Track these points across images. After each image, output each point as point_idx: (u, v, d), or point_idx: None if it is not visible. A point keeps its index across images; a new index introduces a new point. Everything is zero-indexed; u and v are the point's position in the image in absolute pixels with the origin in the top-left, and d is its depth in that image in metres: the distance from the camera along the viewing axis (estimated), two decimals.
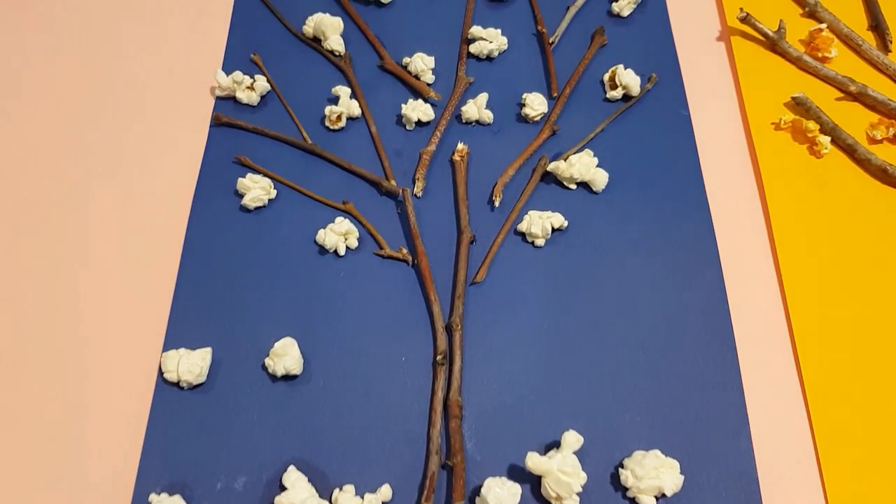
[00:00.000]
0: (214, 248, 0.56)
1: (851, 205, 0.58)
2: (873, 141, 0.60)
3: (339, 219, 0.56)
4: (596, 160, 0.58)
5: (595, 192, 0.58)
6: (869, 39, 0.65)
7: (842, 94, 0.62)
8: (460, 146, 0.60)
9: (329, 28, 0.64)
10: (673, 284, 0.54)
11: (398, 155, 0.61)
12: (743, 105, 0.63)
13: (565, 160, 0.58)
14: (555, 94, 0.63)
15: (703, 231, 0.56)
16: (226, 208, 0.58)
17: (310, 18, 0.66)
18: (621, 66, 0.63)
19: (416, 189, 0.59)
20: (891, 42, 0.65)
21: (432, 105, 0.62)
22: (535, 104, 0.61)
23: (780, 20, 0.64)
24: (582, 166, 0.57)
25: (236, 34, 0.67)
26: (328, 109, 0.61)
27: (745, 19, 0.64)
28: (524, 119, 0.61)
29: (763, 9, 0.67)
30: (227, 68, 0.64)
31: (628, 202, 0.58)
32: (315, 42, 0.66)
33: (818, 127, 0.60)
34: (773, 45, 0.64)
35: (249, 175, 0.58)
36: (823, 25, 0.64)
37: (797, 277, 0.54)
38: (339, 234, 0.55)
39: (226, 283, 0.54)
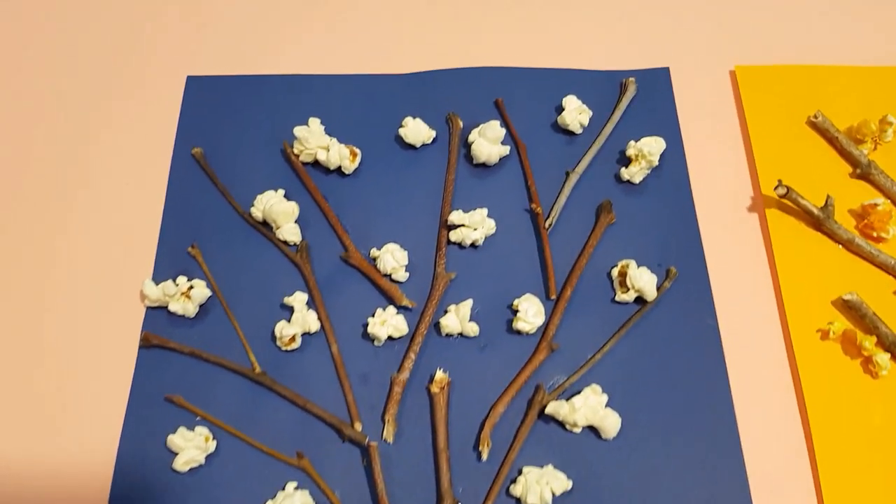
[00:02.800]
0: None
1: None
2: None
3: (289, 485, 0.46)
4: (605, 398, 0.48)
5: (605, 440, 0.48)
6: None
7: None
8: (439, 375, 0.49)
9: (281, 216, 0.54)
10: None
11: (364, 381, 0.50)
12: (782, 304, 0.51)
13: (567, 401, 0.47)
14: (553, 296, 0.52)
15: (737, 489, 0.46)
16: (155, 466, 0.47)
17: (258, 199, 0.55)
18: (633, 264, 0.52)
19: (385, 433, 0.48)
20: None
21: (406, 311, 0.52)
22: (530, 315, 0.50)
23: (828, 196, 0.52)
24: (588, 410, 0.47)
25: (171, 219, 0.55)
26: (279, 329, 0.50)
27: (787, 195, 0.53)
28: (517, 331, 0.51)
29: (803, 169, 0.56)
30: (160, 265, 0.54)
31: (647, 450, 0.47)
32: (266, 227, 0.55)
33: (874, 341, 0.49)
34: (819, 224, 0.53)
35: (181, 430, 0.47)
36: (880, 200, 0.53)
37: None
38: None
39: None
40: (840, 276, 0.52)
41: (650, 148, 0.55)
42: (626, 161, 0.56)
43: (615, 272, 0.52)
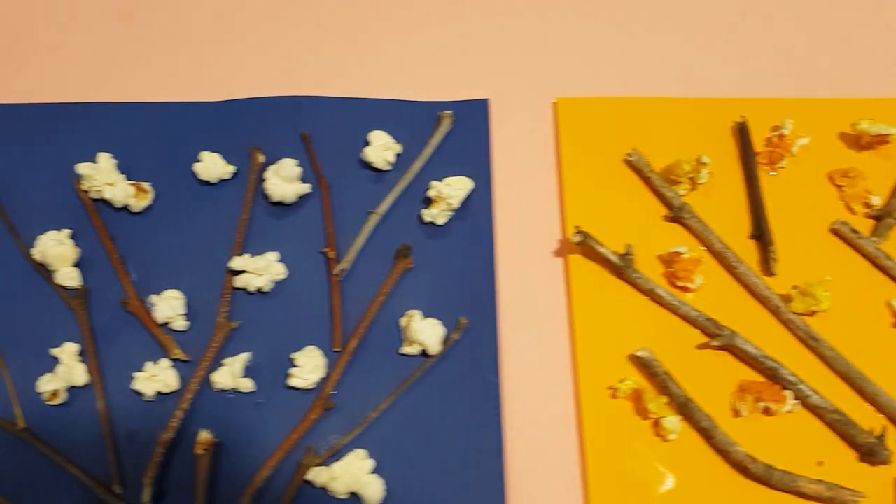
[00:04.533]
0: None
1: (709, 500, 0.45)
2: (738, 415, 0.47)
3: None
4: (370, 463, 0.45)
5: None
6: (750, 252, 0.52)
7: (707, 340, 0.49)
8: (203, 435, 0.46)
9: (57, 260, 0.50)
10: None
11: (130, 440, 0.47)
12: (576, 358, 0.49)
13: (328, 466, 0.45)
14: (337, 348, 0.49)
15: None
16: None
17: (39, 239, 0.51)
18: (418, 315, 0.49)
19: (143, 496, 0.45)
20: (774, 261, 0.50)
21: (184, 363, 0.49)
22: (307, 370, 0.47)
23: (628, 245, 0.50)
24: (349, 477, 0.44)
25: None
26: (41, 383, 0.48)
27: (583, 242, 0.50)
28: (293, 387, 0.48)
29: (618, 210, 0.53)
30: None
31: None
32: (45, 269, 0.52)
33: (660, 404, 0.46)
34: (620, 272, 0.50)
35: None
36: (683, 249, 0.50)
37: None
38: None
39: None
40: (641, 328, 0.49)
41: (450, 189, 0.52)
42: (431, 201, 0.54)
43: (403, 322, 0.50)
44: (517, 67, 0.59)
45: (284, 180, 0.52)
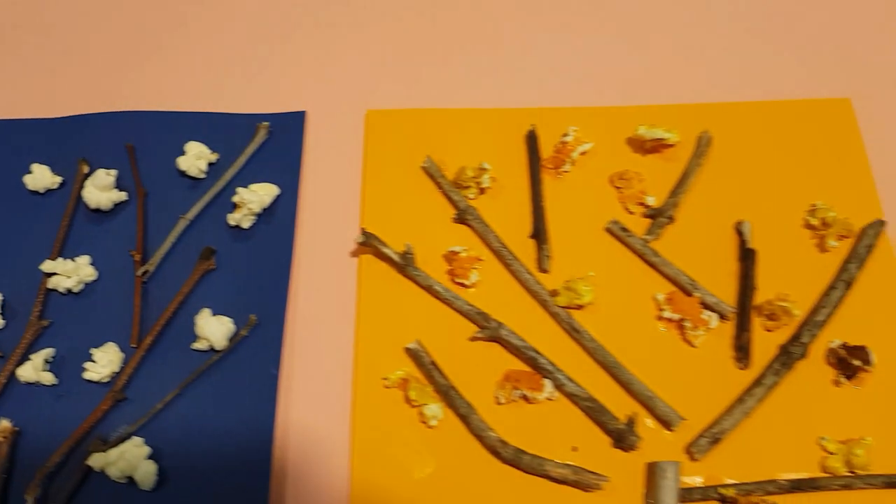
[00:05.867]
0: None
1: (465, 483, 0.48)
2: (498, 402, 0.50)
3: None
4: (146, 450, 0.48)
5: (144, 490, 0.48)
6: (530, 251, 0.55)
7: (479, 331, 0.52)
8: (3, 424, 0.50)
9: None
10: None
11: None
12: (356, 350, 0.52)
13: (105, 453, 0.48)
14: (133, 344, 0.53)
15: None
16: None
17: None
18: (206, 312, 0.52)
19: None
20: (548, 259, 0.53)
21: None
22: (101, 364, 0.51)
23: (407, 245, 0.53)
24: (124, 462, 0.47)
25: None
26: None
27: (366, 242, 0.53)
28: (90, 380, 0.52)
29: (415, 213, 0.56)
30: None
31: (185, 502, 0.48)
32: None
33: (422, 393, 0.49)
34: (402, 270, 0.54)
35: None
36: (459, 248, 0.53)
37: None
38: None
39: None
40: (421, 322, 0.53)
41: (251, 195, 0.55)
42: None
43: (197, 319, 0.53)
44: (336, 82, 0.63)
45: (99, 189, 0.56)
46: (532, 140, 0.57)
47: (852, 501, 0.46)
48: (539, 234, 0.54)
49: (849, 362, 0.48)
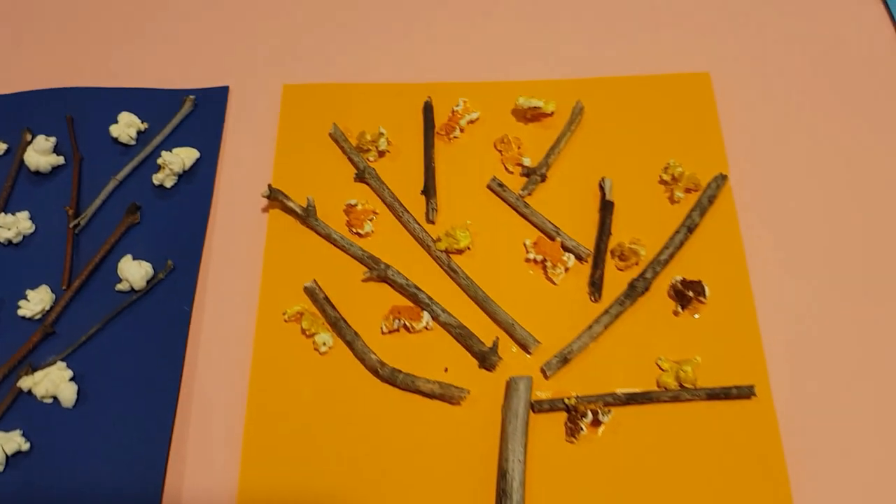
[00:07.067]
0: None
1: (349, 401, 0.54)
2: (383, 332, 0.57)
3: None
4: (68, 373, 0.55)
5: (66, 408, 0.55)
6: (421, 206, 0.62)
7: (368, 272, 0.59)
8: None
9: None
10: None
11: None
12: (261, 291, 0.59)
13: (32, 375, 0.55)
14: (64, 286, 0.59)
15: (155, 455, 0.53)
16: None
17: None
18: (128, 258, 0.59)
19: None
20: (434, 211, 0.60)
21: None
22: (34, 302, 0.58)
23: (309, 198, 0.60)
24: (49, 382, 0.54)
25: None
26: None
27: (272, 196, 0.60)
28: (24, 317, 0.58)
29: (322, 174, 0.63)
30: None
31: (103, 418, 0.54)
32: None
33: (315, 323, 0.56)
34: (304, 221, 0.60)
35: None
36: (354, 201, 0.60)
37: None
38: None
39: None
40: (320, 266, 0.59)
41: (172, 157, 0.62)
42: None
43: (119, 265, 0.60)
44: (257, 60, 0.70)
45: (39, 153, 0.63)
46: (428, 110, 0.65)
47: (680, 412, 0.53)
48: (428, 190, 0.61)
49: (685, 294, 0.55)
